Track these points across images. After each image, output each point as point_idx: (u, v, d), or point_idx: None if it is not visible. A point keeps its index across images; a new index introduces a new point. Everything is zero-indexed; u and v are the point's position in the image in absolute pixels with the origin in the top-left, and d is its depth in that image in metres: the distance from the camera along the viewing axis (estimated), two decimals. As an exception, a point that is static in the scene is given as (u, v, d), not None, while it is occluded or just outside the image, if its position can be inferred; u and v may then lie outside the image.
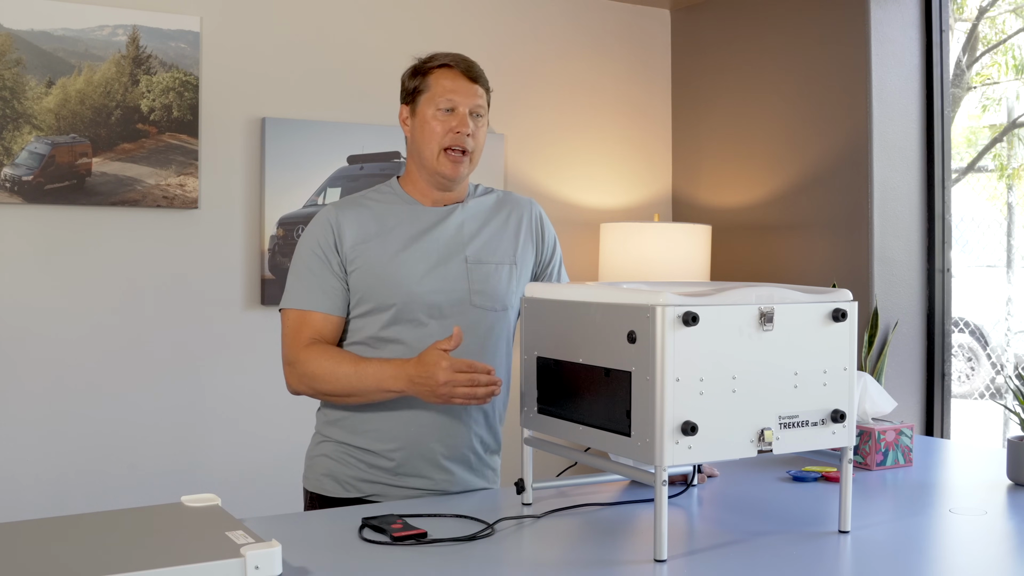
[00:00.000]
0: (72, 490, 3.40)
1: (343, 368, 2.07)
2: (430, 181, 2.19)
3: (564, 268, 2.37)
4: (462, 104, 2.15)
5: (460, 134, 2.13)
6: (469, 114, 2.15)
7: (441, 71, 2.17)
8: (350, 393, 2.08)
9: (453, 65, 2.17)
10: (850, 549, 1.71)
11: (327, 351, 2.10)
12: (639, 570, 1.59)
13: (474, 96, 2.17)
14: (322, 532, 1.80)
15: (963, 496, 2.11)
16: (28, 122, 3.32)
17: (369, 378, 2.05)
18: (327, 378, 2.07)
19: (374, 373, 2.05)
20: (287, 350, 2.14)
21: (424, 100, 2.16)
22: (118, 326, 3.49)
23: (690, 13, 4.51)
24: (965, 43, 4.70)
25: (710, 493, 2.12)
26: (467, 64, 2.18)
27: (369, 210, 2.18)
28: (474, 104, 2.16)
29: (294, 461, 2.49)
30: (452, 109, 2.15)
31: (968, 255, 4.66)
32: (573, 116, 4.36)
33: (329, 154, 3.77)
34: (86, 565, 1.37)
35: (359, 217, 2.16)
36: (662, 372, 1.58)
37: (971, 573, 1.65)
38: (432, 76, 2.17)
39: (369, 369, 2.06)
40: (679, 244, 3.99)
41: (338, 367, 2.08)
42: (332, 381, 2.07)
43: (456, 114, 2.15)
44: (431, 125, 2.15)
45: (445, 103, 2.14)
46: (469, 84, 2.17)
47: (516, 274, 2.23)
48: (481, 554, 1.67)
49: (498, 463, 2.29)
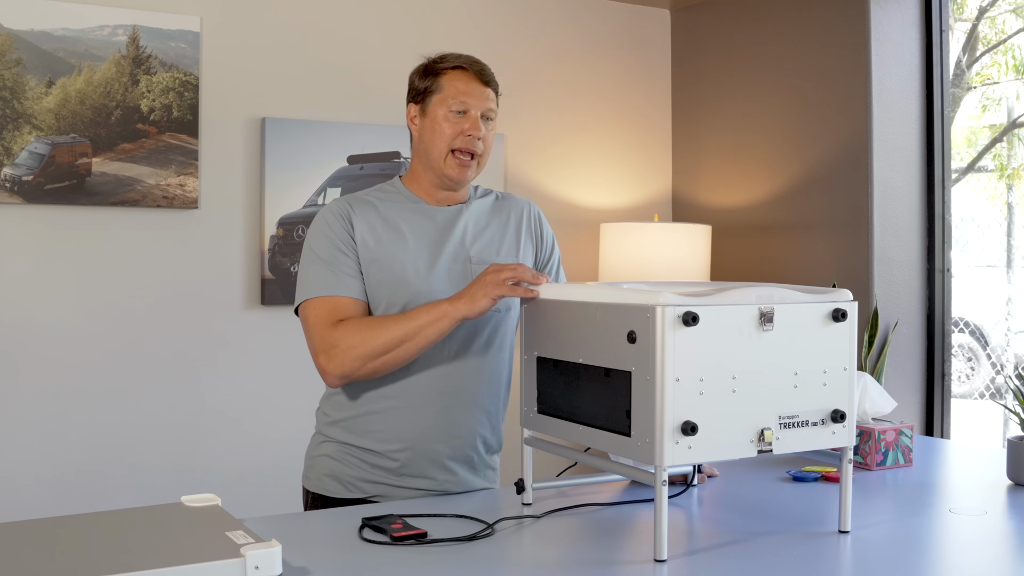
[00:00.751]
0: (72, 490, 3.40)
1: (388, 320, 2.04)
2: (435, 182, 2.19)
3: (563, 269, 2.37)
4: (474, 107, 2.14)
5: (471, 137, 2.13)
6: (480, 117, 2.15)
7: (454, 72, 2.16)
8: (400, 340, 2.01)
9: (467, 67, 2.16)
10: (850, 549, 1.71)
11: (363, 318, 2.07)
12: (639, 570, 1.59)
13: (486, 99, 2.16)
14: (322, 532, 1.80)
15: (963, 496, 2.11)
16: (28, 122, 3.32)
17: (415, 315, 2.01)
18: (375, 335, 2.01)
19: (419, 308, 2.03)
20: (319, 339, 2.06)
21: (436, 101, 2.15)
22: (118, 326, 3.49)
23: (690, 13, 4.51)
24: (965, 43, 4.70)
25: (710, 493, 2.12)
26: (480, 67, 2.18)
27: (375, 208, 2.17)
28: (486, 107, 2.16)
29: (294, 461, 2.48)
30: (464, 111, 2.14)
31: (968, 255, 4.65)
32: (573, 116, 4.36)
33: (329, 154, 3.77)
34: (86, 565, 1.37)
35: (366, 214, 2.16)
36: (662, 372, 1.58)
37: (971, 573, 1.65)
38: (445, 77, 2.15)
39: (413, 310, 2.03)
40: (679, 244, 3.99)
41: (382, 321, 2.04)
42: (381, 335, 2.01)
43: (468, 117, 2.14)
44: (442, 126, 2.14)
45: (458, 105, 2.13)
46: (482, 87, 2.16)
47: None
48: (481, 554, 1.67)
49: (498, 462, 2.29)
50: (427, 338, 2.02)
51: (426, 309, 2.02)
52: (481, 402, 2.18)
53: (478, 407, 2.17)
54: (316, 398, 2.33)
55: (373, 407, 2.14)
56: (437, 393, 2.13)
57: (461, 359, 2.15)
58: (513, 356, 2.28)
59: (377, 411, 2.14)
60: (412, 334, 2.01)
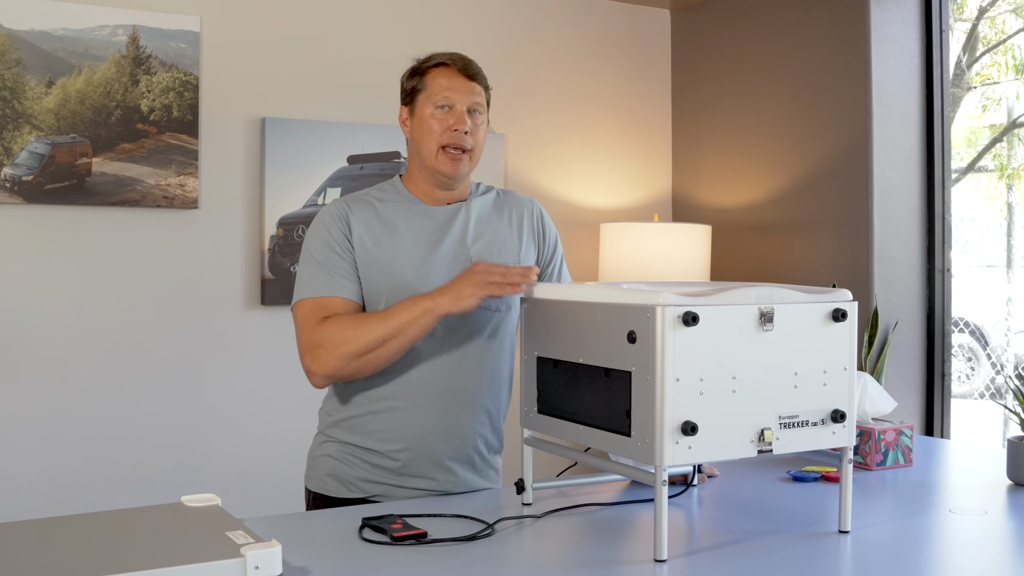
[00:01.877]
0: (72, 490, 3.40)
1: (371, 318, 2.04)
2: (431, 180, 2.19)
3: (566, 266, 2.37)
4: (459, 102, 2.15)
5: (458, 132, 2.13)
6: (467, 112, 2.15)
7: (438, 70, 2.17)
8: (384, 338, 2.01)
9: (449, 63, 2.17)
10: (850, 549, 1.71)
11: (347, 316, 2.07)
12: (639, 570, 1.59)
13: (471, 94, 2.16)
14: (322, 532, 1.80)
15: (963, 496, 2.11)
16: (28, 122, 3.32)
17: (398, 312, 2.01)
18: (358, 334, 2.01)
19: (402, 305, 2.02)
20: (306, 337, 2.07)
21: (422, 99, 2.16)
22: (118, 326, 3.49)
23: (690, 13, 4.51)
24: (965, 43, 4.70)
25: (710, 493, 2.12)
26: (464, 62, 2.18)
27: (374, 208, 2.18)
28: (472, 102, 2.16)
29: (294, 461, 2.49)
30: (449, 107, 2.14)
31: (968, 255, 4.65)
32: (573, 116, 4.36)
33: (329, 154, 3.77)
34: (86, 565, 1.37)
35: (365, 214, 2.16)
36: (662, 372, 1.58)
37: (971, 573, 1.65)
38: (429, 75, 2.17)
39: (396, 307, 2.03)
40: (679, 244, 3.99)
41: (365, 319, 2.04)
42: (364, 333, 2.01)
43: (453, 112, 2.14)
44: (429, 124, 2.15)
45: (442, 100, 2.14)
46: (466, 82, 2.16)
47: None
48: (481, 554, 1.67)
49: (500, 463, 2.29)
50: (411, 336, 2.02)
51: (407, 305, 2.02)
52: (482, 402, 2.18)
53: (479, 407, 2.17)
54: (316, 398, 2.33)
55: (374, 407, 2.14)
56: (438, 393, 2.13)
57: (462, 359, 2.14)
58: (515, 356, 2.28)
59: (378, 411, 2.14)
60: (395, 332, 2.01)
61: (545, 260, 2.31)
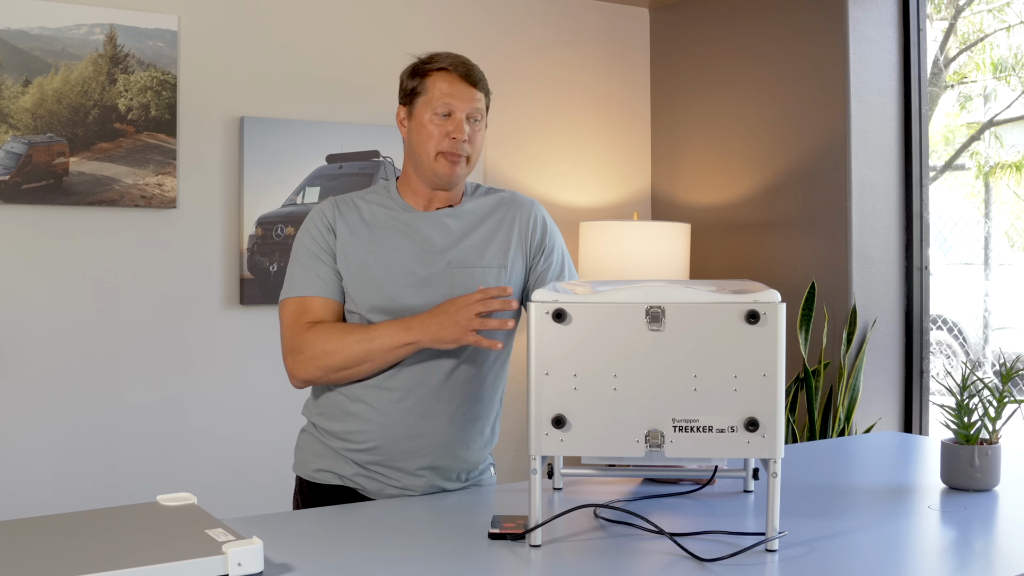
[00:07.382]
0: (51, 492, 3.38)
1: (353, 335, 2.05)
2: (426, 181, 2.17)
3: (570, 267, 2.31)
4: (459, 109, 2.13)
5: (456, 140, 2.11)
6: (466, 119, 2.13)
7: (439, 74, 2.14)
8: (363, 359, 2.04)
9: (451, 69, 2.14)
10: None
11: (331, 325, 2.08)
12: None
13: (472, 101, 2.15)
14: (305, 530, 1.80)
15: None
16: (4, 121, 3.29)
17: (380, 336, 2.03)
18: (338, 349, 2.04)
19: (385, 330, 2.03)
20: (288, 339, 2.10)
21: (421, 103, 2.14)
22: (96, 326, 3.47)
23: (668, 12, 4.52)
24: (943, 42, 4.73)
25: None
26: (467, 68, 2.16)
27: (359, 211, 2.17)
28: (472, 109, 2.14)
29: (274, 460, 2.48)
30: (449, 114, 2.13)
31: (946, 253, 4.69)
32: (552, 114, 4.36)
33: (308, 153, 3.76)
34: (68, 564, 1.36)
35: (350, 217, 2.15)
36: (533, 366, 1.64)
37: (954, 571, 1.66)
38: (430, 79, 2.14)
39: (379, 329, 2.04)
40: (659, 243, 4.00)
41: (347, 335, 2.05)
42: (343, 350, 2.03)
43: (453, 119, 2.12)
44: (427, 128, 2.12)
45: (442, 107, 2.12)
46: (467, 88, 2.15)
47: (505, 277, 2.18)
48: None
49: (487, 467, 2.27)
50: (387, 361, 2.06)
51: (392, 332, 2.03)
52: (465, 408, 2.15)
53: (461, 412, 2.15)
54: (294, 396, 2.32)
55: (350, 408, 2.13)
56: (414, 394, 2.11)
57: (446, 364, 2.12)
58: (508, 359, 2.26)
59: (368, 403, 2.11)
60: (373, 356, 2.04)
61: (533, 266, 2.27)
